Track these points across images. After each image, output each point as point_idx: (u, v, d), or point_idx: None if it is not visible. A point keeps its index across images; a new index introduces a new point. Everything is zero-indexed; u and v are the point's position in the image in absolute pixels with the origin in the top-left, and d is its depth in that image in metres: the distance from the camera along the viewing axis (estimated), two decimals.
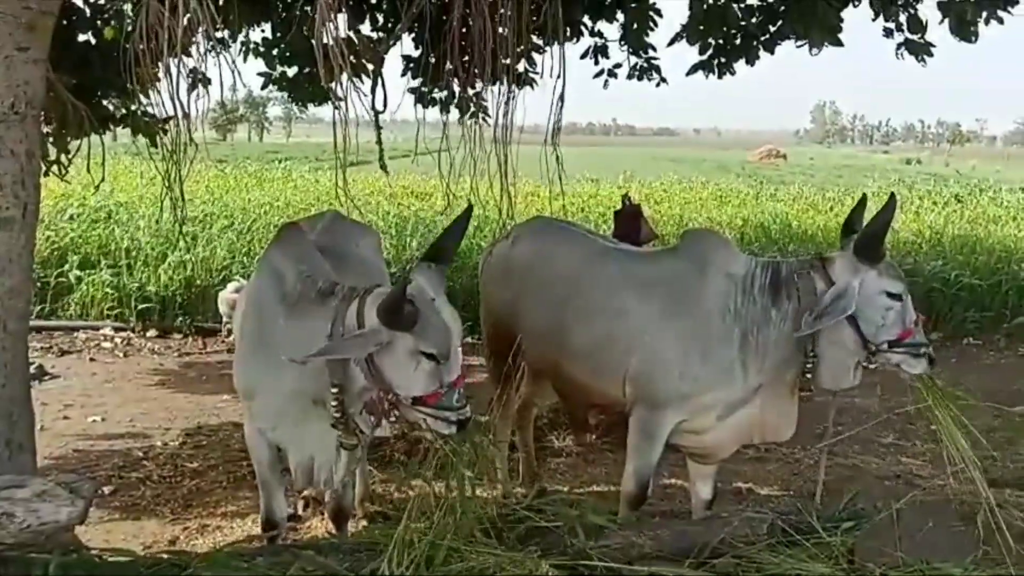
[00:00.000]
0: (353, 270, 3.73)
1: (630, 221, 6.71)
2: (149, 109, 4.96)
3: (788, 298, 3.40)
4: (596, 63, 6.36)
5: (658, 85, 6.52)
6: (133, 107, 5.19)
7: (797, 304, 3.38)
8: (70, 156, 4.54)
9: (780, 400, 3.58)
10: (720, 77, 6.06)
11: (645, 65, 6.34)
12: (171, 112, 4.73)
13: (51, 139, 4.87)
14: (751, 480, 5.26)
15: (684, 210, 15.41)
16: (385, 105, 5.05)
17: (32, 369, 6.92)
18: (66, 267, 8.79)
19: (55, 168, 4.59)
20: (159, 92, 4.84)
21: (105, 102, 5.39)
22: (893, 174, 37.85)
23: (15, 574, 2.63)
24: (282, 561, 2.97)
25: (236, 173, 19.24)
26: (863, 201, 3.64)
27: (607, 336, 3.68)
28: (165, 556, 3.34)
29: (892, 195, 3.41)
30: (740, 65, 6.04)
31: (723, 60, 5.92)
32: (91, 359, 7.74)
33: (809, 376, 3.45)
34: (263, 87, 6.51)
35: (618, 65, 6.38)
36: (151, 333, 8.47)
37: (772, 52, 5.84)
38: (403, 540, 3.29)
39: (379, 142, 5.24)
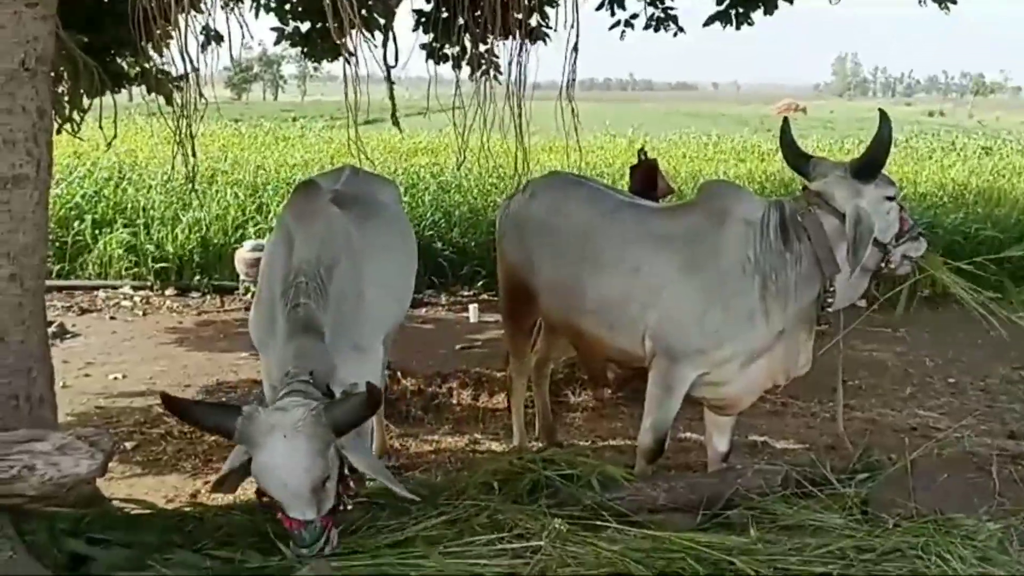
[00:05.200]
0: (377, 217, 3.77)
1: (646, 176, 6.65)
2: (163, 67, 4.97)
3: (798, 238, 3.42)
4: (612, 14, 6.28)
5: (675, 35, 6.43)
6: (146, 65, 5.17)
7: (808, 243, 3.39)
8: (83, 114, 4.53)
9: (800, 339, 3.60)
10: (738, 28, 5.96)
11: (662, 15, 6.26)
12: (182, 69, 4.75)
13: (66, 98, 4.88)
14: (767, 433, 5.26)
15: (702, 165, 15.29)
16: (396, 60, 5.01)
17: (53, 327, 7.05)
18: (82, 226, 8.84)
19: (68, 126, 4.57)
20: (170, 49, 4.86)
21: (119, 60, 5.37)
22: (915, 126, 37.30)
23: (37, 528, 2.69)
24: None
25: (251, 132, 19.23)
26: (786, 123, 3.75)
27: (624, 291, 3.67)
28: (187, 509, 3.41)
29: (882, 111, 3.41)
30: (759, 16, 5.95)
31: (741, 10, 5.83)
32: (111, 317, 7.82)
33: (829, 310, 3.47)
34: (276, 43, 6.46)
35: (635, 16, 6.30)
36: (169, 292, 8.53)
37: (791, 2, 5.74)
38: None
39: (391, 98, 5.21)
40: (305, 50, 6.39)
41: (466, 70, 5.30)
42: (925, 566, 2.80)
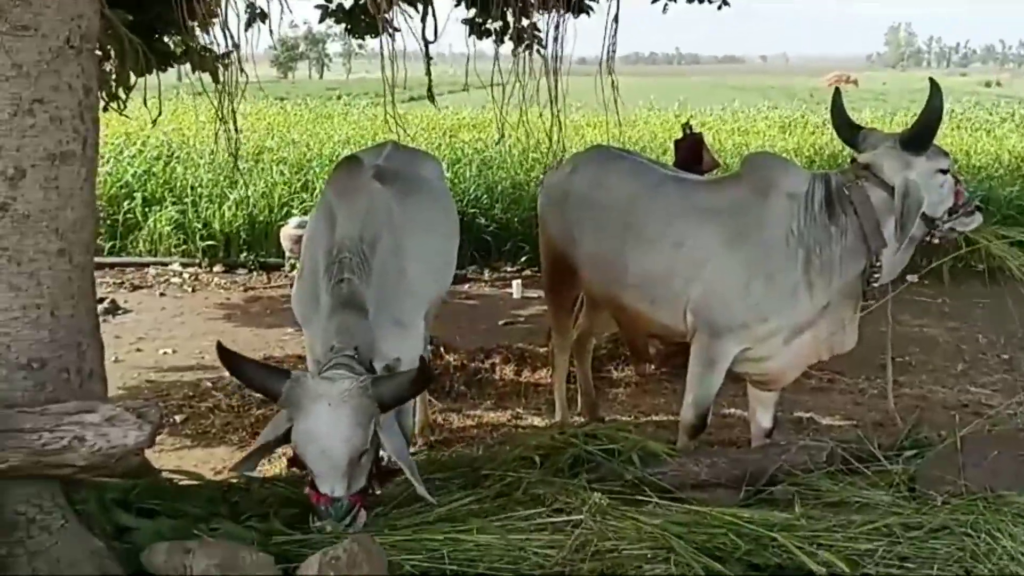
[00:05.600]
0: (419, 192, 3.78)
1: (691, 150, 6.59)
2: (208, 45, 5.02)
3: (844, 212, 3.36)
4: None
5: (720, 8, 6.30)
6: (191, 43, 5.22)
7: (855, 216, 3.32)
8: (128, 92, 4.59)
9: (844, 314, 3.54)
10: None
11: None
12: (227, 47, 4.78)
13: (113, 76, 4.95)
14: (813, 410, 5.21)
15: (747, 139, 15.04)
16: (436, 35, 5.00)
17: (105, 304, 7.21)
18: (132, 204, 9.00)
19: (114, 104, 4.63)
20: (214, 27, 4.90)
21: (165, 39, 5.43)
22: (971, 97, 36.27)
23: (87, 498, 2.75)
24: None
25: (295, 110, 19.34)
26: (837, 94, 3.65)
27: (666, 265, 3.65)
28: (233, 480, 3.47)
29: (932, 80, 3.32)
30: None
31: None
32: (161, 294, 7.98)
33: (875, 285, 3.40)
34: (320, 20, 6.47)
35: None
36: (217, 268, 8.67)
37: None
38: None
39: (428, 73, 5.20)
40: (348, 27, 6.40)
41: (509, 45, 5.27)
42: (974, 544, 2.73)
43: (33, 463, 2.45)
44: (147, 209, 9.00)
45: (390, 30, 6.14)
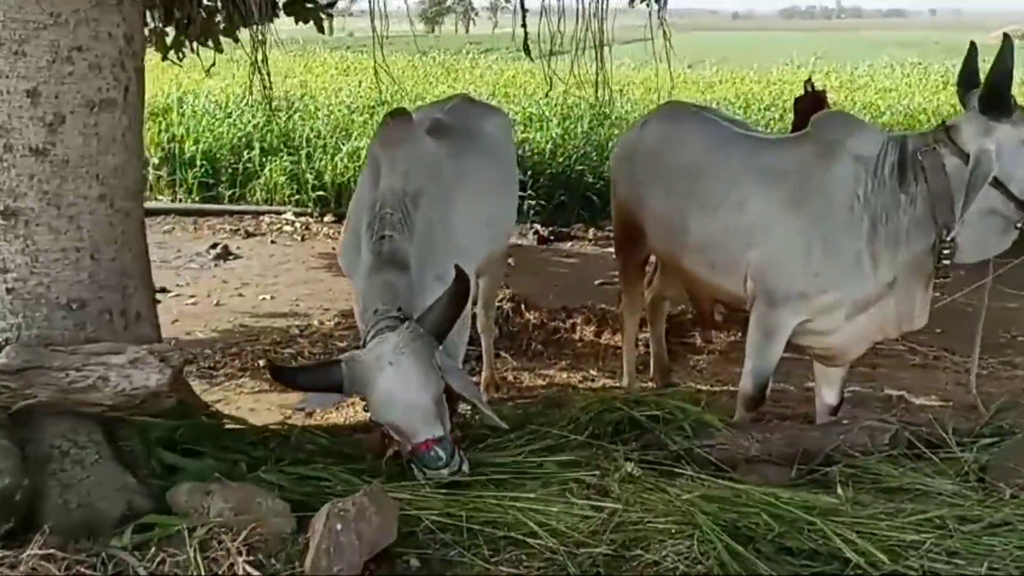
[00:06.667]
0: (475, 146, 3.74)
1: (813, 108, 6.20)
2: None
3: (915, 179, 3.04)
4: None
5: None
6: None
7: (925, 184, 3.01)
8: (182, 46, 4.69)
9: (915, 292, 3.24)
10: None
11: None
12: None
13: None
14: (909, 388, 4.87)
15: (886, 97, 14.11)
16: None
17: (217, 250, 7.53)
18: (251, 154, 9.30)
19: (173, 54, 4.74)
20: None
21: None
22: None
23: (131, 436, 2.85)
24: None
25: (424, 63, 19.49)
26: (973, 48, 3.17)
27: (725, 229, 3.45)
28: (275, 427, 3.54)
29: (1005, 35, 2.92)
30: None
31: None
32: (272, 242, 8.25)
33: (947, 262, 3.07)
34: None
35: None
36: (328, 218, 8.89)
37: None
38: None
39: (524, 25, 5.11)
40: None
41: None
42: None
43: (61, 399, 2.55)
44: (264, 159, 9.29)
45: None
